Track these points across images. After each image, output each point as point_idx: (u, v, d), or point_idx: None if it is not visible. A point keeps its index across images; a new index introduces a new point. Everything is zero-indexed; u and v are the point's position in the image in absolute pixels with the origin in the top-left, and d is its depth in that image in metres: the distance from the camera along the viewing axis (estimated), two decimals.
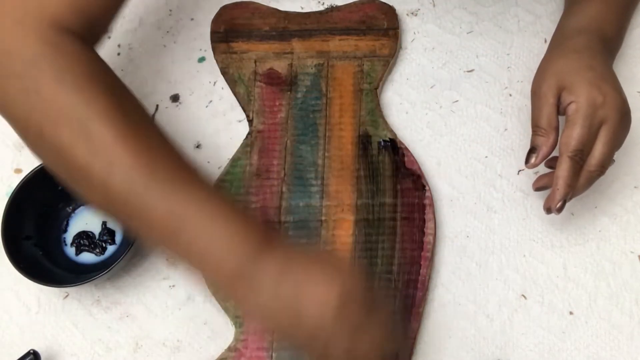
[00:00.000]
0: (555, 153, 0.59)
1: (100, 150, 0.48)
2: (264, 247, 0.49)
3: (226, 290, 0.51)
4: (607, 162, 0.57)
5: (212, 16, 0.75)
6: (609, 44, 0.63)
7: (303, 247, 0.54)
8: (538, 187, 0.62)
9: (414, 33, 0.75)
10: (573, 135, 0.56)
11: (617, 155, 0.59)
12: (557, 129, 0.58)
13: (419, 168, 0.66)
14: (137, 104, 0.53)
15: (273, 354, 0.60)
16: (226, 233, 0.49)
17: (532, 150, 0.59)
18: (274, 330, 0.54)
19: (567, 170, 0.56)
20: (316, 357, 0.51)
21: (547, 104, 0.58)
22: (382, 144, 0.67)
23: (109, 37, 0.77)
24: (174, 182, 0.49)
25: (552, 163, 0.61)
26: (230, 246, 0.49)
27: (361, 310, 0.49)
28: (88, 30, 0.53)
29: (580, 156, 0.56)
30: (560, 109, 0.58)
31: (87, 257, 0.66)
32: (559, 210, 0.58)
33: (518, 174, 0.68)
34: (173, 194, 0.49)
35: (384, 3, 0.75)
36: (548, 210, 0.59)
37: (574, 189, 0.57)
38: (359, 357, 0.49)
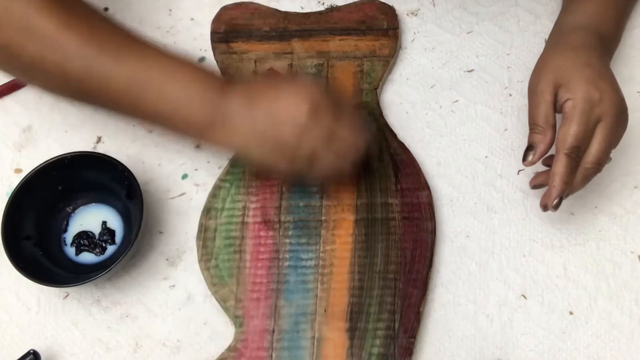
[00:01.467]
0: (552, 151, 0.59)
1: (47, 42, 0.52)
2: (226, 89, 0.55)
3: (203, 138, 0.57)
4: (603, 159, 0.57)
5: (212, 16, 0.75)
6: (607, 42, 0.63)
7: (260, 79, 0.60)
8: (535, 184, 0.62)
9: (414, 33, 0.75)
10: (570, 132, 0.56)
11: (617, 156, 0.59)
12: (554, 126, 0.58)
13: (419, 168, 0.66)
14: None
15: (273, 354, 0.60)
16: (188, 86, 0.55)
17: (530, 148, 0.59)
18: (256, 158, 0.59)
19: (564, 167, 0.56)
20: (299, 168, 0.57)
21: (544, 101, 0.58)
22: (382, 143, 0.67)
23: None
24: (128, 50, 0.54)
25: (549, 161, 0.61)
26: (195, 96, 0.54)
27: (330, 115, 0.56)
28: None
29: (576, 153, 0.56)
30: (557, 107, 0.58)
31: (87, 257, 0.66)
32: (556, 207, 0.58)
33: (518, 174, 0.68)
34: (129, 61, 0.54)
35: (384, 3, 0.75)
36: (544, 207, 0.59)
37: (570, 186, 0.57)
38: (337, 156, 0.57)
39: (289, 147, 0.55)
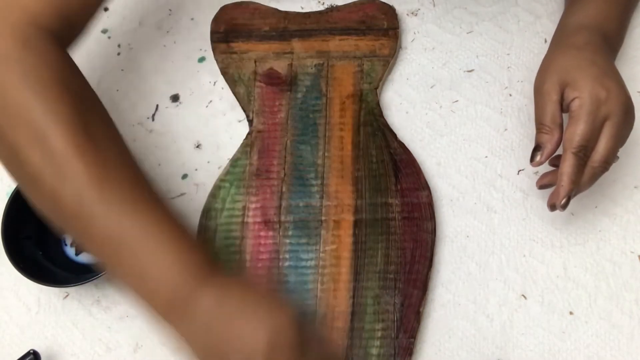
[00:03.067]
0: (559, 151, 0.58)
1: (53, 159, 0.47)
2: (204, 277, 0.49)
3: (160, 315, 0.50)
4: (611, 157, 0.57)
5: (212, 16, 0.75)
6: (611, 41, 0.63)
7: (242, 282, 0.52)
8: (542, 184, 0.61)
9: (414, 33, 0.75)
10: (577, 131, 0.56)
11: (618, 155, 0.59)
12: (561, 125, 0.58)
13: (419, 168, 0.66)
14: (103, 116, 0.52)
15: None
16: (167, 259, 0.49)
17: (537, 148, 0.58)
18: None
19: (571, 167, 0.56)
20: None
21: (551, 101, 0.58)
22: (382, 143, 0.67)
23: (109, 37, 0.77)
24: (125, 201, 0.49)
25: (555, 161, 0.61)
26: (169, 273, 0.48)
27: (291, 352, 0.48)
28: (66, 30, 0.53)
29: (584, 152, 0.56)
30: (563, 106, 0.58)
31: (87, 257, 0.66)
32: (564, 207, 0.57)
33: (518, 174, 0.68)
34: (120, 214, 0.48)
35: (384, 3, 0.75)
36: (552, 207, 0.58)
37: (578, 185, 0.57)
38: None
39: None
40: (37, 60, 0.49)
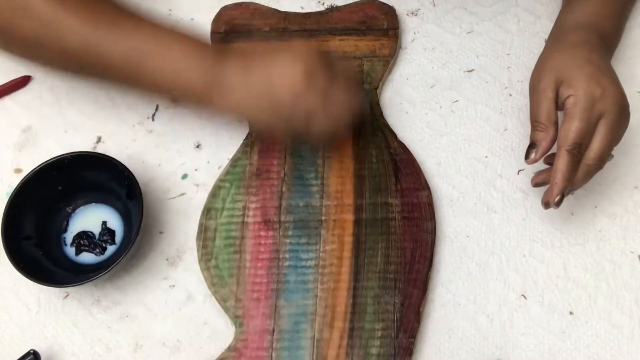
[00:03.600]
0: (553, 149, 0.58)
1: (44, 21, 0.54)
2: (222, 55, 0.57)
3: (202, 104, 0.59)
4: (605, 156, 0.57)
5: (212, 16, 0.75)
6: (607, 40, 0.63)
7: (255, 46, 0.64)
8: (537, 182, 0.61)
9: (414, 33, 0.75)
10: (571, 128, 0.56)
11: (617, 156, 0.59)
12: (556, 123, 0.58)
13: (419, 168, 0.66)
14: None
15: (273, 354, 0.60)
16: (185, 55, 0.57)
17: (532, 146, 0.59)
18: (254, 118, 0.62)
19: (566, 164, 0.56)
20: (296, 127, 0.59)
21: (546, 98, 0.58)
22: (382, 143, 0.67)
23: None
24: (123, 25, 0.56)
25: (550, 159, 0.61)
26: (193, 63, 0.57)
27: (325, 76, 0.57)
28: None
29: (578, 150, 0.56)
30: (558, 104, 0.58)
31: (87, 257, 0.66)
32: (557, 204, 0.57)
33: (518, 174, 0.68)
34: (125, 35, 0.56)
35: (384, 3, 0.75)
36: (546, 204, 0.59)
37: (572, 183, 0.57)
38: (332, 116, 0.59)
39: (285, 108, 0.57)
40: None
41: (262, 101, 0.57)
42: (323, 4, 0.77)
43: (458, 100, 0.71)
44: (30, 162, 0.68)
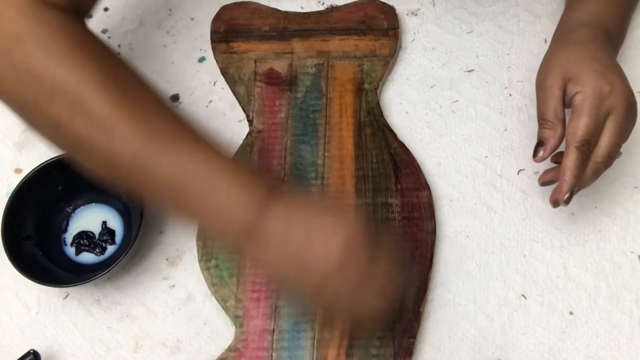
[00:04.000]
0: (561, 147, 0.58)
1: (97, 121, 0.48)
2: (270, 199, 0.50)
3: (235, 244, 0.53)
4: (614, 152, 0.56)
5: (212, 16, 0.75)
6: (612, 39, 0.63)
7: (307, 194, 0.56)
8: (544, 181, 0.61)
9: (414, 33, 0.75)
10: (580, 125, 0.55)
11: (621, 151, 0.59)
12: (564, 121, 0.57)
13: (419, 168, 0.66)
14: (128, 69, 0.53)
15: (273, 354, 0.60)
16: (234, 189, 0.50)
17: (540, 144, 0.58)
18: (281, 281, 0.56)
19: (575, 161, 0.55)
20: (321, 305, 0.53)
21: (553, 96, 0.58)
22: (382, 143, 0.67)
23: (109, 37, 0.77)
24: (176, 142, 0.50)
25: (557, 158, 0.60)
26: (239, 201, 0.50)
27: (365, 257, 0.50)
28: (72, 6, 0.53)
29: (587, 147, 0.55)
30: (566, 101, 0.58)
31: (87, 257, 0.66)
32: (567, 202, 0.57)
33: (518, 174, 0.68)
34: (176, 154, 0.49)
35: (384, 3, 0.75)
36: (555, 202, 0.58)
37: (581, 181, 0.57)
38: (364, 303, 0.51)
39: (311, 286, 0.51)
40: (52, 30, 0.50)
41: (291, 269, 0.50)
42: (323, 3, 0.77)
43: (458, 100, 0.71)
44: (30, 162, 0.68)
